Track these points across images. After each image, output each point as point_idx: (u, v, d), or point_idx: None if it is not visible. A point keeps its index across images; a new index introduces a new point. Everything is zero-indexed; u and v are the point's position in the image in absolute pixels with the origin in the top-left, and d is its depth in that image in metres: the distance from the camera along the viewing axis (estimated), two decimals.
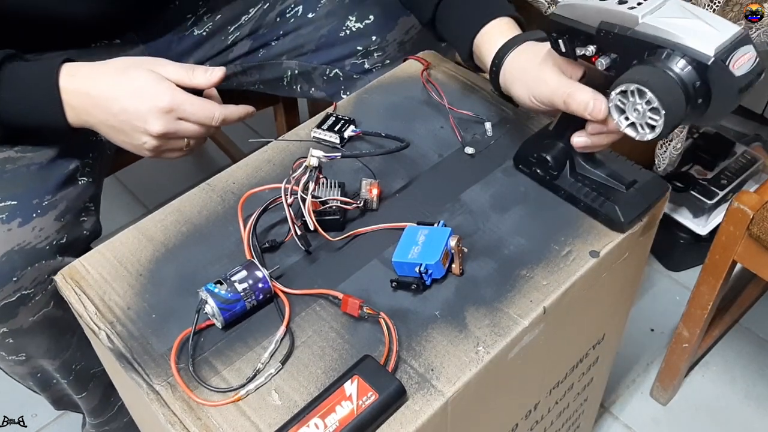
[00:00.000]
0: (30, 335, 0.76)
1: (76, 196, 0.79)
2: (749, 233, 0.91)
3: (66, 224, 0.76)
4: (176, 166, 1.69)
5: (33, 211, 0.73)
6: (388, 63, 0.92)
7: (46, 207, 0.74)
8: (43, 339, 0.78)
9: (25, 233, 0.72)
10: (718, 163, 1.39)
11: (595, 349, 0.82)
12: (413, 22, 0.90)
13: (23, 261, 0.71)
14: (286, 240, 0.67)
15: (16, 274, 0.70)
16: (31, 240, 0.72)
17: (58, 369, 0.85)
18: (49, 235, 0.73)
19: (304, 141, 0.78)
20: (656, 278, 1.41)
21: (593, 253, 0.65)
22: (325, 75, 0.95)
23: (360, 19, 0.90)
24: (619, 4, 0.56)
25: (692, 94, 0.53)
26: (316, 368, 0.58)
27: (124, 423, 0.99)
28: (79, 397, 0.91)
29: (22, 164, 0.75)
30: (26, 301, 0.72)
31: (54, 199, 0.75)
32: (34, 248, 0.72)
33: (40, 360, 0.82)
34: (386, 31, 0.90)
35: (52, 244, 0.73)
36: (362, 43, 0.91)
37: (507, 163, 0.74)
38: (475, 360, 0.58)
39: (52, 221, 0.74)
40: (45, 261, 0.72)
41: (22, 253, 0.71)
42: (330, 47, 0.93)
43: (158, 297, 0.64)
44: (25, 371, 0.84)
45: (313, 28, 0.93)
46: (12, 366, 0.83)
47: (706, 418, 1.20)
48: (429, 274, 0.62)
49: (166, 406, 0.57)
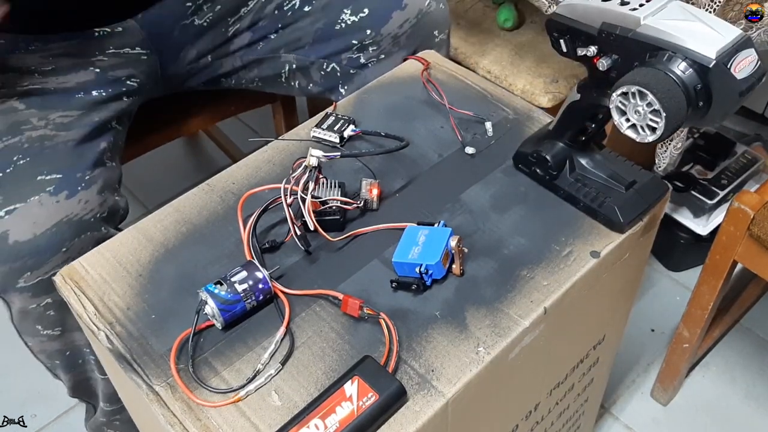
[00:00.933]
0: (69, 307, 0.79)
1: (109, 176, 0.83)
2: (750, 233, 0.91)
3: (107, 199, 0.80)
4: (176, 166, 1.69)
5: (78, 184, 0.77)
6: (383, 57, 0.93)
7: (89, 181, 0.78)
8: None
9: (72, 205, 0.76)
10: (719, 163, 1.39)
11: (596, 350, 0.82)
12: (407, 16, 0.91)
13: (72, 232, 0.75)
14: (286, 240, 0.67)
15: (66, 245, 0.74)
16: (78, 212, 0.76)
17: (88, 344, 0.86)
18: (93, 208, 0.78)
19: (304, 141, 0.78)
20: (656, 278, 1.41)
21: (594, 254, 0.65)
22: (323, 70, 0.96)
23: (355, 12, 0.91)
24: (621, 5, 0.56)
25: (693, 96, 0.53)
26: (316, 369, 0.58)
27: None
28: (103, 378, 0.93)
29: (60, 141, 0.79)
30: None
31: (93, 175, 0.80)
32: (81, 220, 0.76)
33: (74, 334, 0.85)
34: (380, 25, 0.91)
35: (96, 216, 0.78)
36: (357, 36, 0.92)
37: (507, 163, 0.74)
38: (476, 360, 0.58)
39: (95, 195, 0.78)
40: (91, 232, 0.77)
41: (71, 224, 0.75)
42: (326, 41, 0.94)
43: (158, 297, 0.64)
44: (56, 347, 0.86)
45: (310, 21, 0.94)
46: (44, 342, 0.84)
47: (707, 419, 1.20)
48: (429, 274, 0.62)
49: (166, 407, 0.57)
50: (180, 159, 1.72)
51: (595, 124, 0.67)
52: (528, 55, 1.18)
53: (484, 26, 1.26)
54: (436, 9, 0.93)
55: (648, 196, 0.68)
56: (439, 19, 0.94)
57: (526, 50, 1.19)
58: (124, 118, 0.91)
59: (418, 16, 0.91)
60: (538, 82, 1.12)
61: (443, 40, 0.96)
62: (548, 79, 1.13)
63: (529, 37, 1.22)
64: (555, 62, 1.15)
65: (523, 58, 1.17)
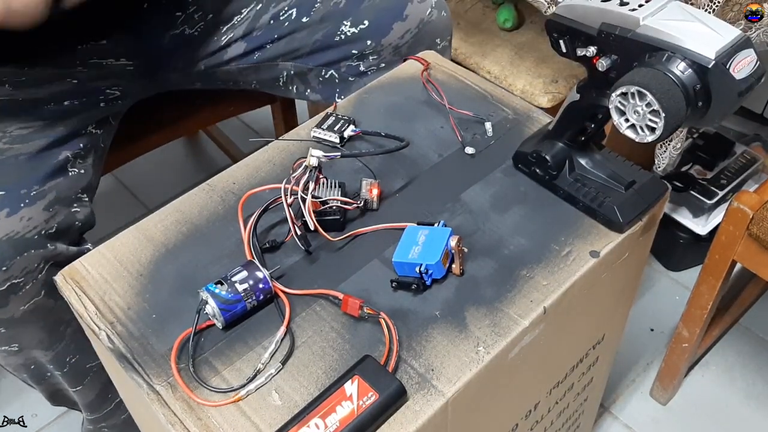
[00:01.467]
0: (22, 325, 0.77)
1: (67, 186, 0.79)
2: (749, 233, 0.91)
3: (55, 214, 0.76)
4: (176, 166, 1.69)
5: (21, 201, 0.74)
6: (383, 66, 0.92)
7: (35, 197, 0.75)
8: (36, 329, 0.79)
9: (13, 223, 0.72)
10: (718, 163, 1.39)
11: (595, 349, 0.82)
12: (408, 27, 0.90)
13: (12, 250, 0.72)
14: (287, 240, 0.67)
15: (6, 264, 0.71)
16: (19, 230, 0.72)
17: (52, 361, 0.85)
18: (37, 225, 0.74)
19: (304, 141, 0.78)
20: (656, 278, 1.41)
21: (593, 253, 0.65)
22: (321, 77, 0.95)
23: (355, 24, 0.90)
24: (621, 5, 0.56)
25: (692, 96, 0.53)
26: (316, 368, 0.58)
27: (121, 420, 0.99)
28: (75, 390, 0.92)
29: (11, 155, 0.76)
30: (17, 290, 0.73)
31: (42, 189, 0.76)
32: (22, 237, 0.72)
33: (33, 351, 0.83)
34: (381, 36, 0.90)
35: (40, 233, 0.74)
36: (357, 47, 0.91)
37: (507, 163, 0.74)
38: (476, 360, 0.58)
39: (41, 211, 0.75)
40: (34, 250, 0.73)
41: (11, 242, 0.72)
42: (325, 50, 0.92)
43: (158, 297, 0.64)
44: (19, 362, 0.85)
45: (307, 33, 0.92)
46: (6, 357, 0.83)
47: (706, 418, 1.20)
48: (429, 274, 0.62)
49: (167, 407, 0.57)
50: (180, 159, 1.72)
51: (595, 124, 0.67)
52: (528, 56, 1.18)
53: (484, 26, 1.26)
54: (438, 17, 0.92)
55: (647, 196, 0.68)
56: (441, 26, 0.93)
57: (525, 50, 1.19)
58: (106, 121, 0.89)
59: (420, 26, 0.90)
60: (538, 83, 1.13)
61: (445, 47, 0.95)
62: (548, 80, 1.13)
63: (528, 37, 1.23)
64: (555, 62, 1.15)
65: (522, 58, 1.18)
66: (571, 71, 1.14)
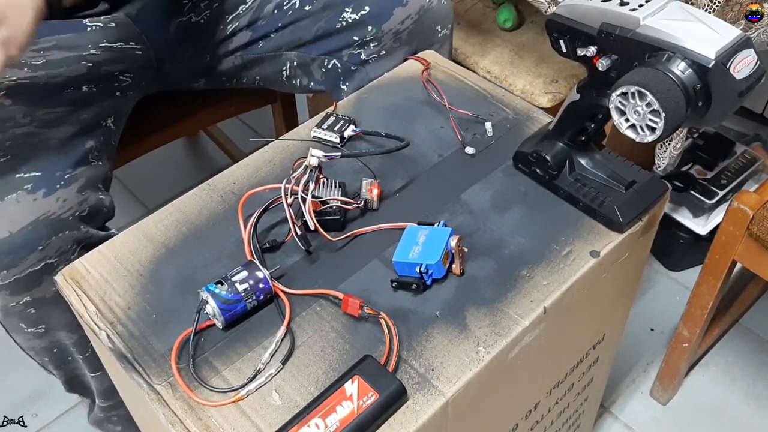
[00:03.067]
0: (52, 305, 0.79)
1: (93, 174, 0.82)
2: (749, 233, 0.91)
3: (87, 197, 0.79)
4: (176, 166, 1.69)
5: (56, 182, 0.76)
6: (384, 54, 0.92)
7: (69, 179, 0.78)
8: (64, 311, 0.80)
9: (49, 203, 0.75)
10: (718, 163, 1.39)
11: (595, 349, 0.82)
12: (409, 12, 0.91)
13: (48, 230, 0.74)
14: (287, 240, 0.67)
15: (42, 243, 0.74)
16: (55, 210, 0.75)
17: (76, 344, 0.86)
18: (72, 206, 0.77)
19: (304, 141, 0.78)
20: (656, 278, 1.41)
21: (593, 253, 0.65)
22: (324, 67, 0.96)
23: (356, 10, 0.91)
24: (621, 5, 0.56)
25: (693, 96, 0.53)
26: (316, 368, 0.58)
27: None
28: (93, 376, 0.93)
29: (43, 138, 0.79)
30: (50, 270, 0.75)
31: (75, 173, 0.79)
32: (58, 218, 0.75)
33: (59, 333, 0.84)
34: (382, 22, 0.91)
35: (74, 215, 0.77)
36: (358, 33, 0.91)
37: (507, 163, 0.74)
38: (476, 360, 0.58)
39: (75, 193, 0.78)
40: (69, 231, 0.76)
41: (47, 222, 0.74)
42: (327, 38, 0.93)
43: (159, 297, 0.64)
44: (43, 345, 0.86)
45: (311, 21, 0.94)
46: (30, 339, 0.84)
47: (706, 418, 1.20)
48: (429, 274, 0.62)
49: (167, 406, 0.57)
50: (180, 159, 1.72)
51: (595, 124, 0.67)
52: (528, 56, 1.18)
53: (484, 26, 1.26)
54: (438, 4, 0.93)
55: (647, 195, 0.68)
56: (442, 14, 0.94)
57: (526, 50, 1.19)
58: (119, 116, 0.91)
59: (420, 12, 0.91)
60: (538, 83, 1.13)
61: (446, 36, 0.96)
62: (548, 80, 1.13)
63: (529, 37, 1.23)
64: (555, 62, 1.15)
65: (523, 58, 1.17)
66: (571, 71, 1.14)
